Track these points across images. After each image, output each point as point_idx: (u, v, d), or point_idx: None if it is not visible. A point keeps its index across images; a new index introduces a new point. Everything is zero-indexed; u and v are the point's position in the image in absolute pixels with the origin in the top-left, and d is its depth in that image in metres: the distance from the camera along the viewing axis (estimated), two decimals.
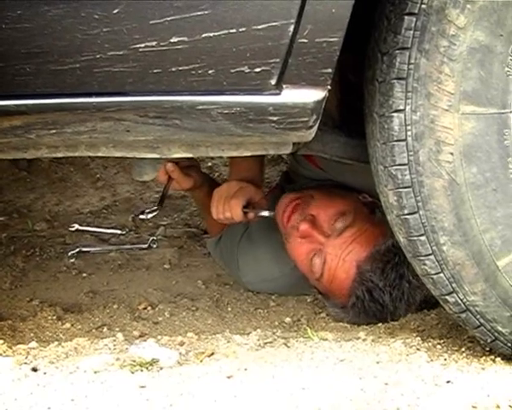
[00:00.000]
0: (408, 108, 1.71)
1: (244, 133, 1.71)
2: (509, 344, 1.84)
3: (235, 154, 1.81)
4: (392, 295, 2.23)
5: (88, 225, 3.06)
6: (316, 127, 1.74)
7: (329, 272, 2.29)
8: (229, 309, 2.50)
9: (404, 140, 1.73)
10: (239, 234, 2.70)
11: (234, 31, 1.57)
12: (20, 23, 1.55)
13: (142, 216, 2.62)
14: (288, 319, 2.39)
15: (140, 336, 2.19)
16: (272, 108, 1.66)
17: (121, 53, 1.59)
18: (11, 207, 3.21)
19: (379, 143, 1.77)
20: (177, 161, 2.40)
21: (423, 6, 1.66)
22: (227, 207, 2.44)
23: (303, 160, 2.57)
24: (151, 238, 2.95)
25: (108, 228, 3.06)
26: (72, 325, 2.30)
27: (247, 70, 1.61)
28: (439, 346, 1.99)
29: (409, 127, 1.72)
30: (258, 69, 1.61)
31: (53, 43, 1.58)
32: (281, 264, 2.54)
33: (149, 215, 2.58)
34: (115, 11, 1.55)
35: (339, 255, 2.27)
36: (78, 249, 2.86)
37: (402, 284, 2.22)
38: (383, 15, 1.72)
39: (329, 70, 1.63)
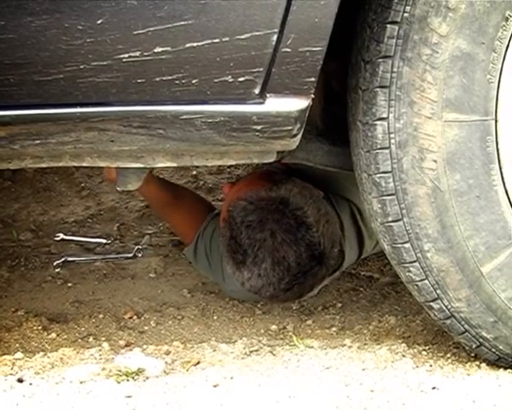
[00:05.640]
0: (391, 116, 1.72)
1: (228, 142, 1.72)
2: (494, 350, 1.85)
3: (219, 163, 1.82)
4: (251, 237, 2.21)
5: (73, 235, 3.05)
6: (300, 136, 1.74)
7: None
8: (215, 318, 2.49)
9: (388, 148, 1.73)
10: None
11: (217, 40, 1.57)
12: (3, 34, 1.55)
13: None
14: (273, 327, 2.38)
15: (126, 346, 2.19)
16: (256, 117, 1.67)
17: (105, 63, 1.59)
18: None
19: (362, 151, 1.78)
20: None
21: (406, 15, 1.67)
22: None
23: None
24: (136, 247, 2.93)
25: (93, 237, 3.04)
26: (58, 335, 2.29)
27: (231, 79, 1.61)
28: (424, 352, 1.99)
29: (392, 135, 1.72)
30: (241, 78, 1.62)
31: (37, 54, 1.58)
32: None
33: None
34: (99, 22, 1.55)
35: (227, 203, 2.36)
36: (63, 259, 2.84)
37: (263, 231, 2.21)
38: (366, 24, 1.73)
39: (313, 79, 1.64)
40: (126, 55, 1.58)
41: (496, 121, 1.73)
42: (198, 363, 1.93)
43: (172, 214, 2.74)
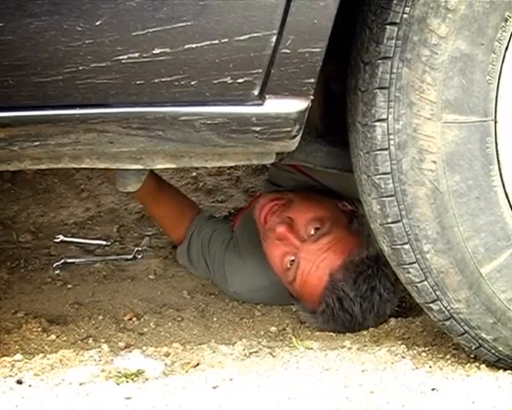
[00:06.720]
0: (390, 117, 1.72)
1: (227, 144, 1.72)
2: (493, 351, 1.85)
3: (218, 164, 1.82)
4: (363, 306, 2.25)
5: (73, 237, 3.05)
6: (299, 137, 1.74)
7: (302, 276, 2.31)
8: (215, 319, 2.49)
9: (387, 149, 1.73)
10: (223, 243, 2.69)
11: (216, 42, 1.57)
12: (2, 35, 1.55)
13: None
14: (273, 329, 2.39)
15: (125, 347, 2.19)
16: (255, 118, 1.67)
17: (104, 65, 1.59)
18: None
19: (362, 153, 1.78)
20: None
21: (405, 16, 1.67)
22: None
23: (285, 166, 2.58)
24: (136, 249, 2.94)
25: (93, 239, 3.04)
26: (58, 337, 2.29)
27: (230, 81, 1.61)
28: (424, 354, 1.99)
29: (391, 136, 1.72)
30: (240, 80, 1.62)
31: (36, 56, 1.57)
32: (270, 272, 2.54)
33: None
34: (98, 23, 1.55)
35: (313, 261, 2.29)
36: (62, 261, 2.85)
37: (373, 297, 2.25)
38: (365, 25, 1.73)
39: (312, 80, 1.64)
40: (125, 57, 1.58)
41: (495, 122, 1.73)
42: (197, 364, 1.93)
43: (158, 206, 2.73)
